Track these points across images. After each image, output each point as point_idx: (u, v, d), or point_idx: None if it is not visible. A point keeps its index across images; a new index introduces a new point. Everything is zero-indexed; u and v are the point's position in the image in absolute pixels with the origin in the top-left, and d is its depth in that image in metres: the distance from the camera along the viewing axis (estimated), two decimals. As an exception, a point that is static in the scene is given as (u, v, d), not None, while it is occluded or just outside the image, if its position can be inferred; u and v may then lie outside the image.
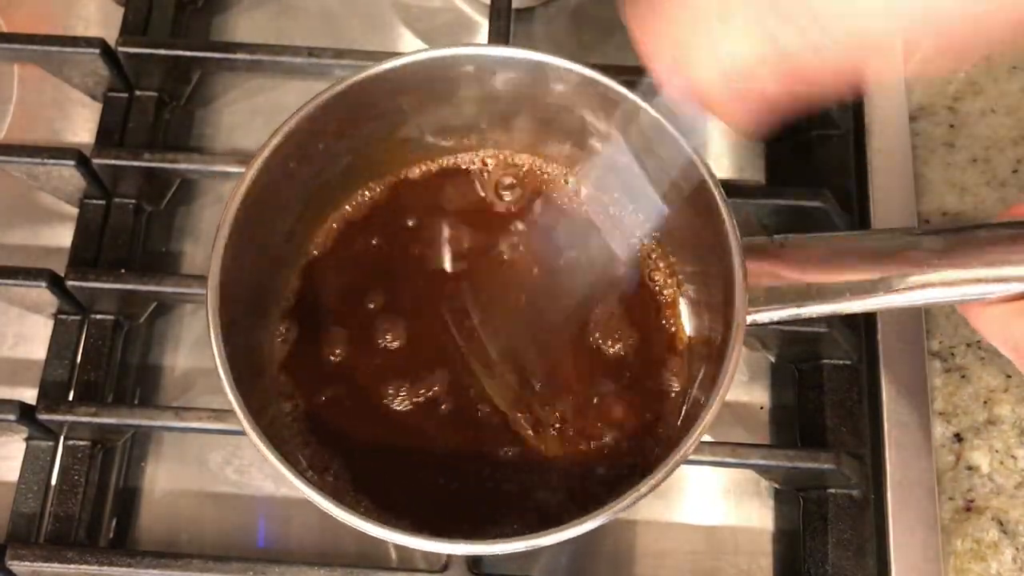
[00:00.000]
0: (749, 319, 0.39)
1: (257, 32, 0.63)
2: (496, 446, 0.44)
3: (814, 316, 0.40)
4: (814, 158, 0.56)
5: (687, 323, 0.47)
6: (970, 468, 0.50)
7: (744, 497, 0.51)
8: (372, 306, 0.47)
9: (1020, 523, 0.49)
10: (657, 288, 0.48)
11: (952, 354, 0.52)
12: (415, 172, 0.50)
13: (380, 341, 0.46)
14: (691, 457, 0.47)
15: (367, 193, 0.50)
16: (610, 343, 0.47)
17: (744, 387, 0.54)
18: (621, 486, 0.37)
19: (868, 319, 0.52)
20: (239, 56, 0.56)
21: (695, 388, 0.45)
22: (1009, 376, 0.51)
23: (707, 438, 0.50)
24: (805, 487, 0.50)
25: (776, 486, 0.51)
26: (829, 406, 0.50)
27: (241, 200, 0.41)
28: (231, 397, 0.38)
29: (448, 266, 0.48)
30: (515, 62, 0.44)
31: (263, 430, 0.37)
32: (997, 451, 0.50)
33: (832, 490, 0.48)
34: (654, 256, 0.48)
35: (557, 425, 0.45)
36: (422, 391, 0.45)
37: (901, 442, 0.49)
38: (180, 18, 0.60)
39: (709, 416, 0.37)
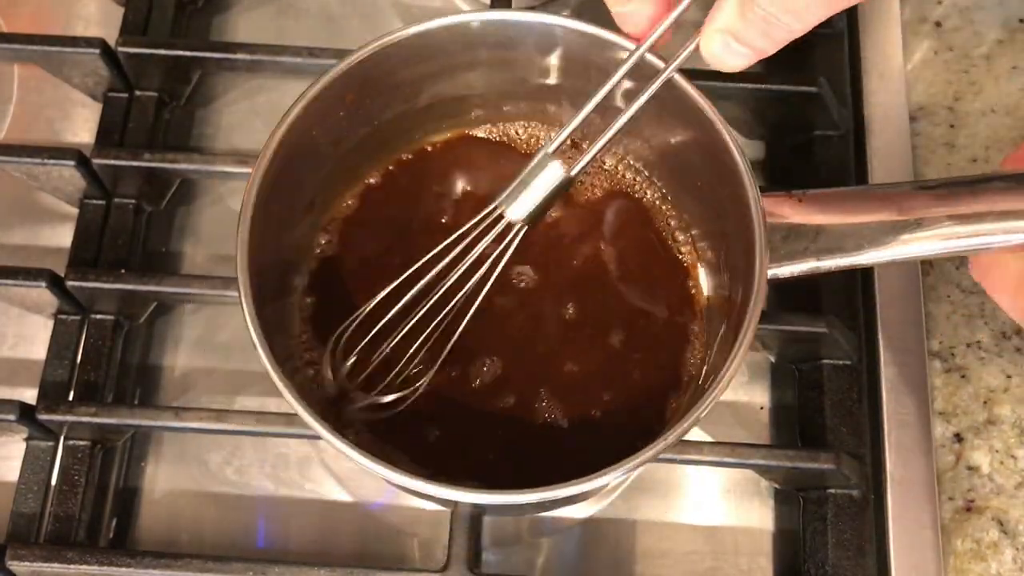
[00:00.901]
0: (770, 273, 0.39)
1: (257, 32, 0.63)
2: (517, 406, 0.45)
3: (833, 270, 0.40)
4: (814, 158, 0.56)
5: (705, 284, 0.47)
6: (970, 468, 0.50)
7: (744, 497, 0.51)
8: (396, 271, 0.46)
9: (1020, 523, 0.49)
10: (676, 249, 0.48)
11: (952, 354, 0.52)
12: (438, 141, 0.50)
13: (405, 305, 0.45)
14: (691, 457, 0.47)
15: (389, 163, 0.50)
16: (631, 305, 0.47)
17: (744, 387, 0.54)
18: (639, 446, 0.37)
19: (868, 319, 0.52)
20: (239, 56, 0.56)
21: (715, 349, 0.44)
22: (1009, 376, 0.51)
23: (707, 438, 0.51)
24: (805, 487, 0.50)
25: (776, 486, 0.51)
26: (829, 406, 0.50)
27: (268, 165, 0.41)
28: (264, 360, 0.38)
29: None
30: (531, 27, 0.43)
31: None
32: (997, 451, 0.50)
33: (832, 490, 0.48)
34: (672, 222, 0.49)
35: (579, 387, 0.45)
36: (446, 359, 0.45)
37: (901, 442, 0.50)
38: (180, 18, 0.60)
39: (731, 371, 0.37)
